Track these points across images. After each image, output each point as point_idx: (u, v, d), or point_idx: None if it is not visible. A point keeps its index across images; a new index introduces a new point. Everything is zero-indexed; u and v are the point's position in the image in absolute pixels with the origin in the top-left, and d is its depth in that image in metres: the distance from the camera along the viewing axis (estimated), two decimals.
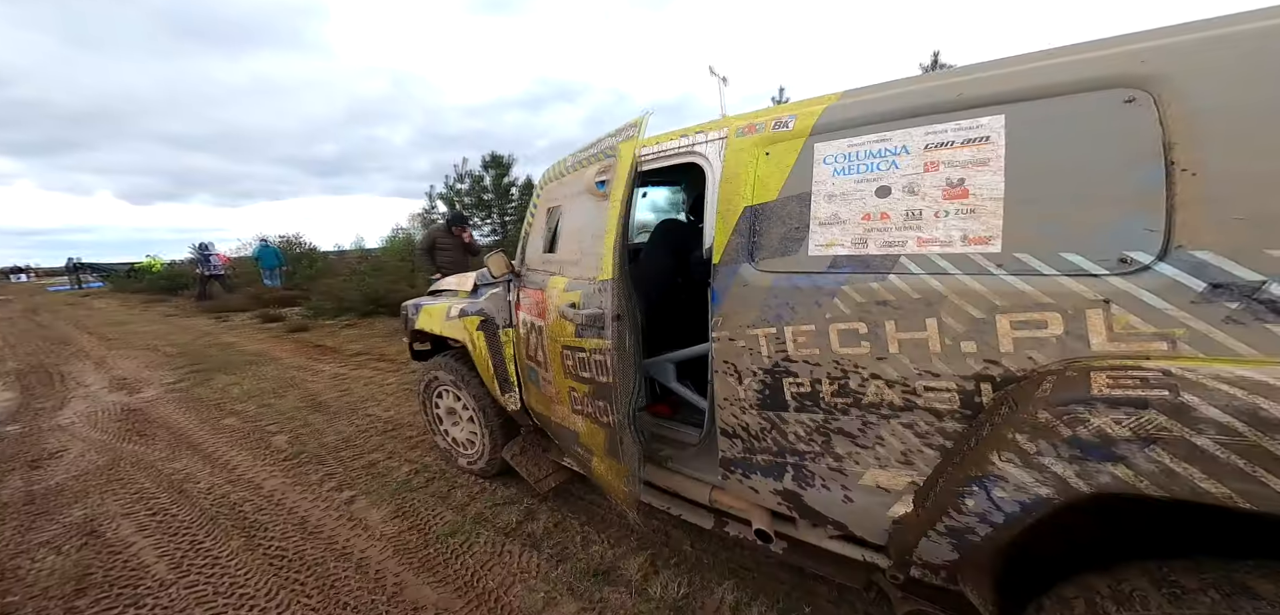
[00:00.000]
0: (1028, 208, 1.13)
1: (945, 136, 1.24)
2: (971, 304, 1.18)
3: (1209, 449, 0.89)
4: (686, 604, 1.91)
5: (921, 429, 1.28)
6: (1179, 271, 0.98)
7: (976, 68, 1.25)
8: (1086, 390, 1.00)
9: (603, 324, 1.70)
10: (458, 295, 2.90)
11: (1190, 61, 0.98)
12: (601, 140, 1.92)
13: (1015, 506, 1.10)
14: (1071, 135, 1.09)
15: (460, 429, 2.95)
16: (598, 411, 1.86)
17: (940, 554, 1.27)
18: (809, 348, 1.44)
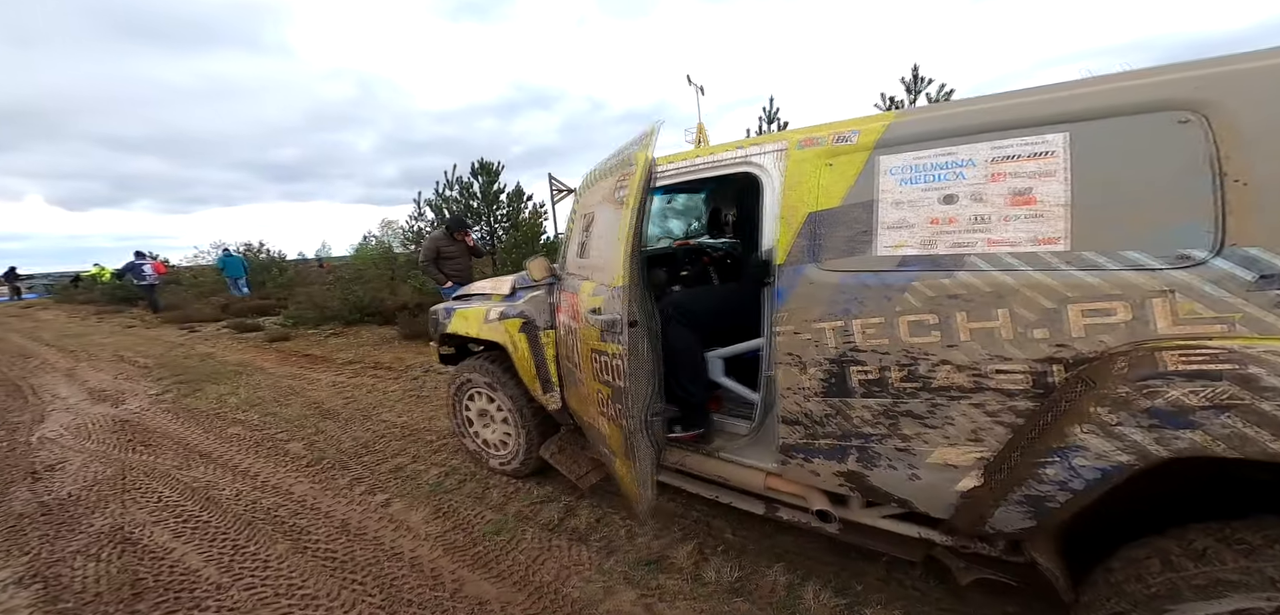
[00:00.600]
0: (1093, 212, 1.18)
1: (1010, 151, 1.30)
2: (1043, 295, 1.22)
3: (1275, 413, 0.96)
4: (742, 586, 1.86)
5: (992, 408, 1.32)
6: (1232, 265, 1.05)
7: (1035, 91, 1.31)
8: (1161, 366, 1.06)
9: (619, 329, 1.64)
10: (491, 299, 2.79)
11: (1236, 88, 1.07)
12: (621, 149, 1.91)
13: (1095, 473, 1.14)
14: (1131, 150, 1.15)
15: (492, 431, 2.81)
16: (617, 414, 1.79)
17: (1015, 521, 1.30)
18: (877, 338, 1.46)
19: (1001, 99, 1.34)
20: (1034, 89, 1.31)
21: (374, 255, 13.36)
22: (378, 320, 8.25)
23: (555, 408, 2.38)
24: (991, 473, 1.32)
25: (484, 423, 2.85)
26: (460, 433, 2.96)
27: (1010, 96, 1.33)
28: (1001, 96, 1.35)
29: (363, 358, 6.15)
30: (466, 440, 2.94)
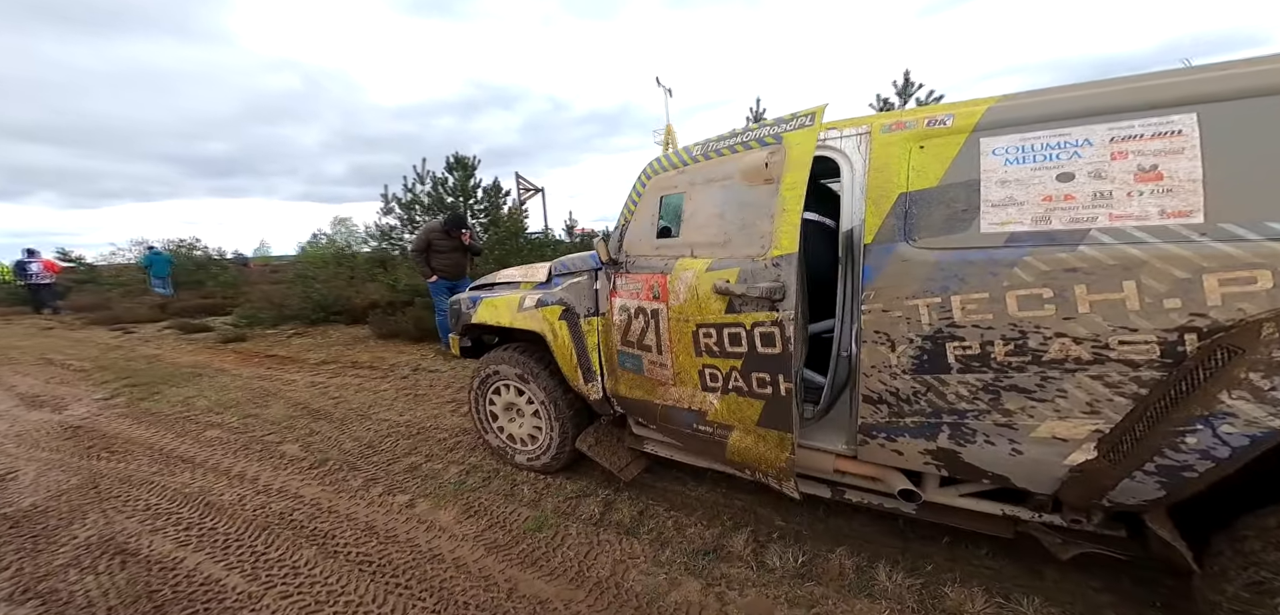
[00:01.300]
0: (1229, 186, 1.07)
1: (1133, 130, 1.18)
2: (1177, 266, 1.09)
3: None
4: (808, 571, 1.62)
5: (1113, 379, 1.17)
6: None
7: (1155, 75, 1.21)
8: None
9: (778, 296, 1.48)
10: (522, 286, 2.45)
11: None
12: (748, 130, 1.75)
13: (1244, 440, 1.01)
14: (1267, 128, 1.08)
15: (520, 425, 2.45)
16: (753, 384, 1.60)
17: (1143, 494, 1.16)
18: (980, 313, 1.29)
19: (1115, 84, 1.23)
20: (1155, 74, 1.20)
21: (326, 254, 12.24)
22: (345, 319, 7.48)
23: (597, 398, 2.08)
24: (1109, 445, 1.19)
25: (510, 417, 2.48)
26: (482, 429, 2.57)
27: (1125, 82, 1.21)
28: (1114, 82, 1.23)
29: (337, 358, 5.46)
30: (489, 436, 2.56)
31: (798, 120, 1.57)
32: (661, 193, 1.96)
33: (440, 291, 5.06)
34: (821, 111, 1.50)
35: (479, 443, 2.77)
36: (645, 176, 2.07)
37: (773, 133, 1.61)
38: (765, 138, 1.63)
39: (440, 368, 4.70)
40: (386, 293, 7.15)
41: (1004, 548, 1.62)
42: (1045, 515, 1.44)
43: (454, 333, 2.76)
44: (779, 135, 1.58)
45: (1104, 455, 1.19)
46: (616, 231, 2.09)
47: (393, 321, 6.53)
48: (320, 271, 9.13)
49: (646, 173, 2.07)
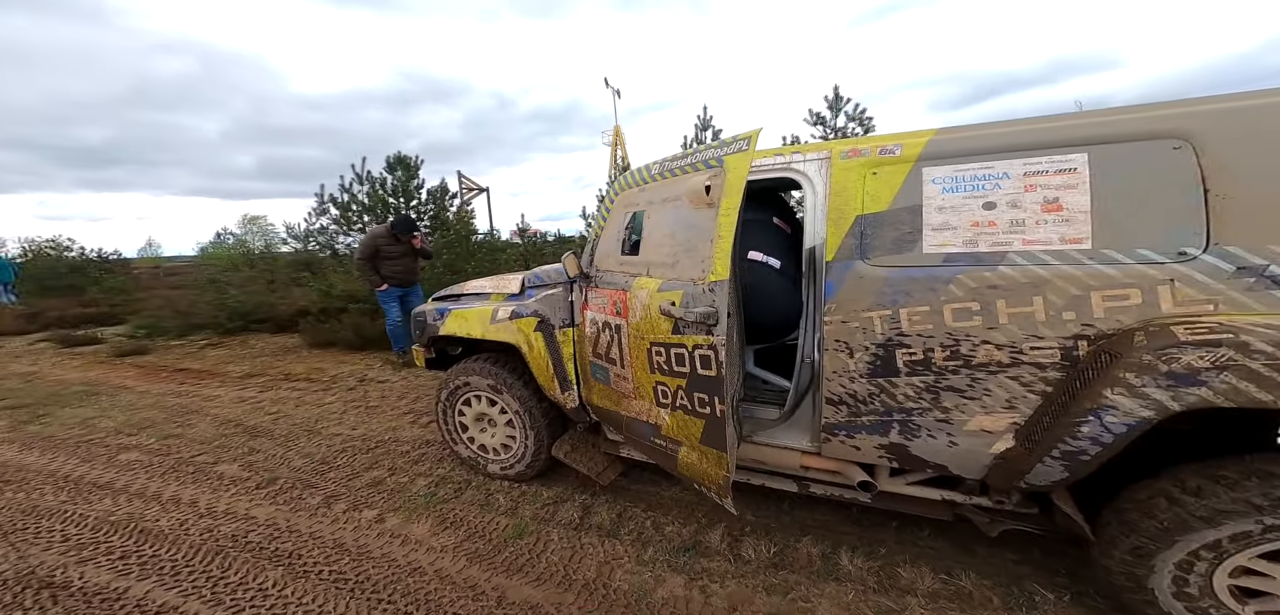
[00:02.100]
0: (1110, 217, 1.39)
1: (1040, 166, 1.47)
2: (1072, 285, 1.38)
3: (1259, 370, 1.19)
4: (781, 559, 1.85)
5: (1026, 379, 1.45)
6: (1217, 260, 1.27)
7: (1058, 118, 1.50)
8: (1175, 339, 1.26)
9: (712, 321, 1.57)
10: (493, 298, 2.54)
11: (1216, 123, 1.31)
12: (700, 150, 1.85)
13: (1123, 428, 1.30)
14: (1139, 168, 1.38)
15: (492, 435, 2.53)
16: (695, 403, 1.70)
17: (1050, 475, 1.45)
18: (923, 324, 1.55)
19: (1029, 123, 1.52)
20: (1057, 117, 1.50)
21: (235, 255, 11.49)
22: (269, 328, 7.14)
23: (572, 406, 2.22)
24: (1024, 435, 1.48)
25: (481, 427, 2.56)
26: (451, 440, 2.63)
27: (1037, 122, 1.51)
28: (1029, 121, 1.53)
29: (265, 370, 5.23)
30: (459, 447, 2.62)
31: (737, 143, 1.68)
32: (628, 209, 2.11)
33: (391, 299, 4.97)
34: (756, 136, 1.61)
35: (447, 454, 2.82)
36: (615, 191, 2.23)
37: (716, 155, 1.72)
38: (710, 160, 1.74)
39: (390, 378, 4.64)
40: (319, 298, 6.87)
41: (943, 529, 1.92)
42: (975, 498, 1.74)
43: (418, 344, 2.79)
44: (721, 158, 1.69)
45: (1020, 443, 1.48)
46: (588, 246, 2.24)
47: (328, 329, 6.31)
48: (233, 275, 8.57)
49: (616, 188, 2.22)
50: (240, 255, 12.28)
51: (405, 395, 4.08)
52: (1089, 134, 1.41)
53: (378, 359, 5.37)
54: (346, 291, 6.69)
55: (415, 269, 5.12)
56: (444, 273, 6.69)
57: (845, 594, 1.67)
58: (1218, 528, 1.26)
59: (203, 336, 7.05)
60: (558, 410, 2.37)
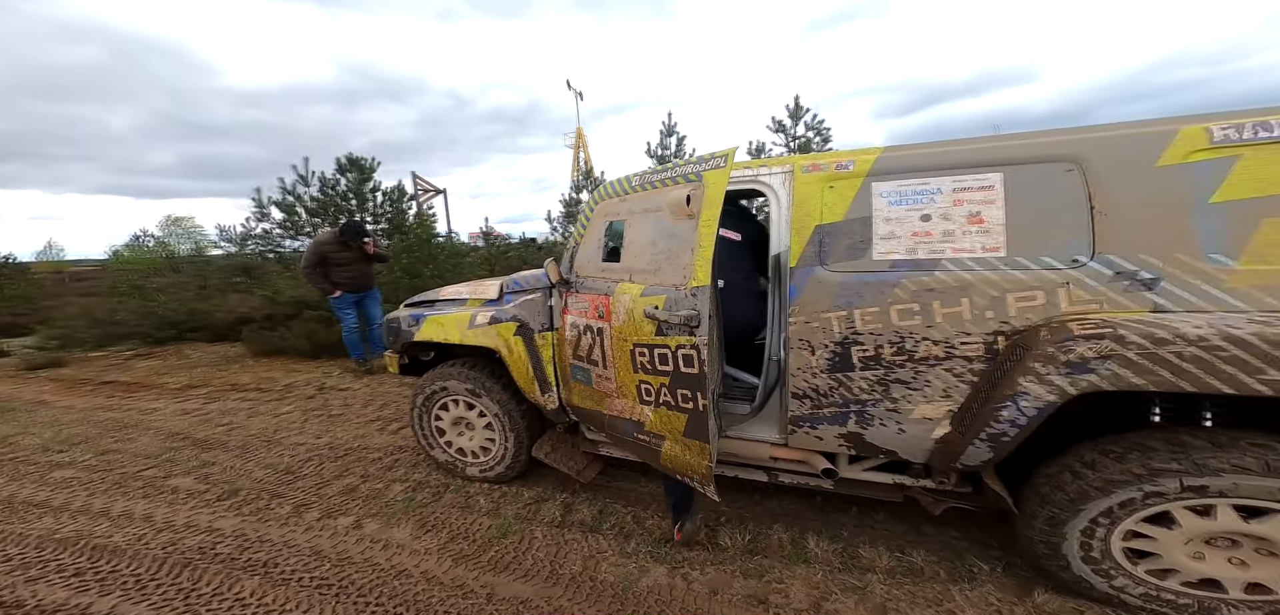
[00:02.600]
0: (1020, 229, 1.69)
1: (965, 184, 1.77)
2: (991, 288, 1.66)
3: (1135, 359, 1.50)
4: (755, 546, 2.07)
5: (958, 371, 1.74)
6: (1101, 266, 1.59)
7: (979, 140, 1.80)
8: (1071, 333, 1.57)
9: (695, 323, 1.74)
10: (470, 303, 2.65)
11: (1099, 151, 1.63)
12: (680, 165, 2.04)
13: (1034, 411, 1.58)
14: (1041, 187, 1.68)
15: (470, 438, 2.64)
16: (679, 400, 1.87)
17: (980, 456, 1.73)
18: (874, 324, 1.81)
19: (957, 145, 1.82)
20: (979, 139, 1.81)
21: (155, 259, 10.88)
22: (205, 336, 6.89)
23: (553, 408, 2.38)
24: (958, 420, 1.77)
25: (459, 431, 2.67)
26: (428, 445, 2.72)
27: (963, 143, 1.81)
28: (957, 142, 1.83)
29: (207, 380, 5.09)
30: (436, 452, 2.72)
31: (715, 160, 1.85)
32: (608, 218, 2.28)
33: (345, 306, 4.94)
34: (733, 153, 1.79)
35: (421, 459, 2.90)
36: (595, 201, 2.41)
37: (695, 170, 1.89)
38: (690, 175, 1.91)
39: (352, 385, 4.62)
40: (264, 304, 6.68)
41: (895, 510, 2.20)
42: (921, 480, 2.02)
43: (391, 350, 2.87)
44: (700, 173, 1.85)
45: (955, 428, 1.76)
46: (568, 252, 2.41)
47: (276, 337, 6.16)
48: (158, 280, 8.15)
49: (596, 197, 2.41)
50: (162, 259, 11.59)
51: (370, 402, 4.09)
52: (1002, 155, 1.71)
53: (336, 366, 5.31)
54: (297, 297, 6.53)
55: (369, 274, 5.10)
56: (403, 277, 6.63)
57: (814, 575, 1.90)
58: (1110, 496, 1.57)
59: (128, 347, 6.70)
60: (537, 412, 2.52)
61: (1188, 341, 1.40)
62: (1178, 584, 1.62)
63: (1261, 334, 1.32)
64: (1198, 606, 1.61)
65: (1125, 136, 1.60)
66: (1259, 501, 1.45)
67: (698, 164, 1.91)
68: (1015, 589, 1.77)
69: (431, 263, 6.85)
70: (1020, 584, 1.79)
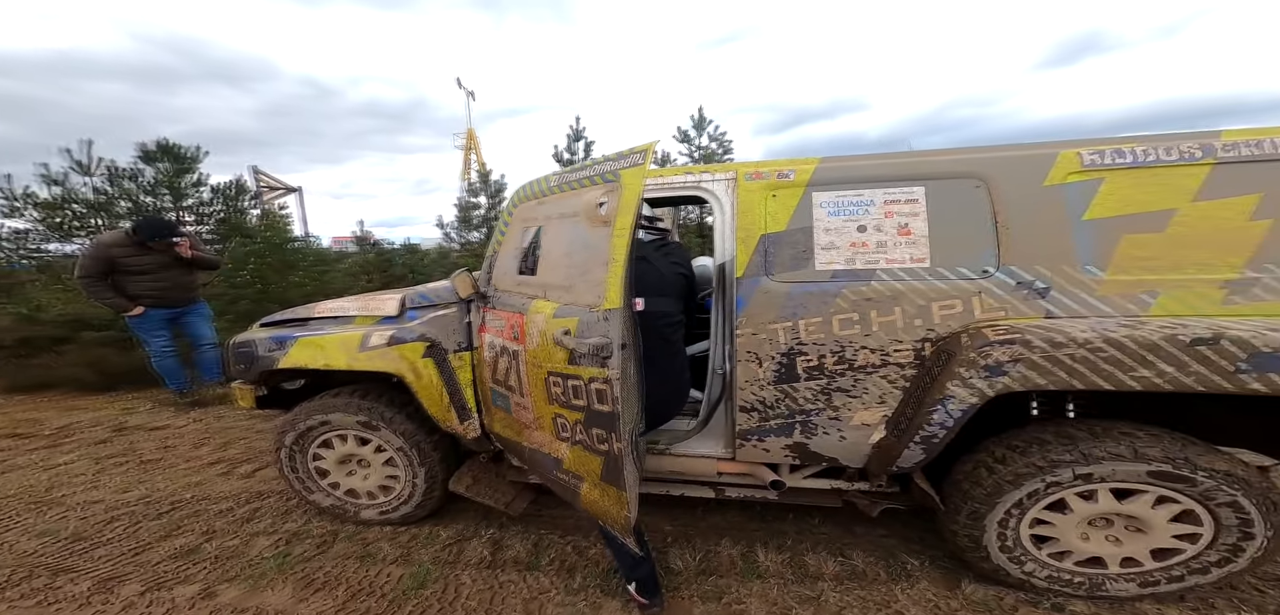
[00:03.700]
0: (943, 241, 1.96)
1: (894, 196, 2.02)
2: (919, 297, 1.93)
3: (1039, 361, 1.81)
4: (707, 565, 2.14)
5: (892, 377, 1.96)
6: (1005, 276, 1.91)
7: (905, 155, 2.06)
8: (987, 339, 1.86)
9: (606, 353, 1.62)
10: (358, 320, 2.40)
11: (1000, 170, 1.94)
12: (597, 162, 1.90)
13: (959, 412, 1.85)
14: (956, 202, 1.97)
15: (365, 477, 2.38)
16: (593, 439, 1.79)
17: (914, 457, 1.96)
18: (817, 333, 1.98)
19: (889, 158, 2.07)
20: (905, 153, 2.08)
21: None
22: None
23: (474, 436, 2.24)
24: (893, 425, 2.00)
25: (349, 471, 2.40)
26: (304, 489, 2.40)
27: (893, 157, 2.07)
28: (886, 156, 2.08)
29: None
30: (315, 496, 2.40)
31: (631, 158, 1.74)
32: (526, 224, 2.21)
33: (152, 326, 4.16)
34: (651, 148, 1.69)
35: (297, 504, 2.56)
36: (514, 203, 2.33)
37: (613, 168, 1.77)
38: (607, 173, 1.80)
39: (172, 422, 3.94)
40: (16, 325, 5.40)
41: (830, 515, 2.42)
42: (857, 484, 2.25)
43: (245, 381, 2.50)
44: (617, 171, 1.74)
45: (891, 432, 2.00)
46: (486, 262, 2.31)
47: (40, 367, 5.06)
48: None
49: (515, 200, 2.34)
50: None
51: (205, 441, 3.51)
52: (924, 171, 1.98)
53: (145, 399, 4.47)
54: (71, 315, 5.39)
55: (188, 284, 4.36)
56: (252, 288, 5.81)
57: (770, 590, 2.01)
58: (1020, 488, 1.87)
59: None
60: (452, 441, 2.36)
61: (1078, 344, 1.73)
62: (1072, 564, 1.98)
63: (1132, 336, 1.69)
64: (1089, 583, 1.98)
65: (1019, 157, 1.93)
66: (1129, 484, 1.83)
67: (614, 161, 1.80)
68: (944, 582, 2.03)
69: (291, 271, 6.08)
70: (948, 577, 2.06)
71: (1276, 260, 1.71)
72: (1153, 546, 1.89)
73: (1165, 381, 1.66)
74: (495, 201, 8.68)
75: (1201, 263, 1.76)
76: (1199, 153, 1.77)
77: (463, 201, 8.76)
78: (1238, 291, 1.73)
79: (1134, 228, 1.81)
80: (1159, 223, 1.80)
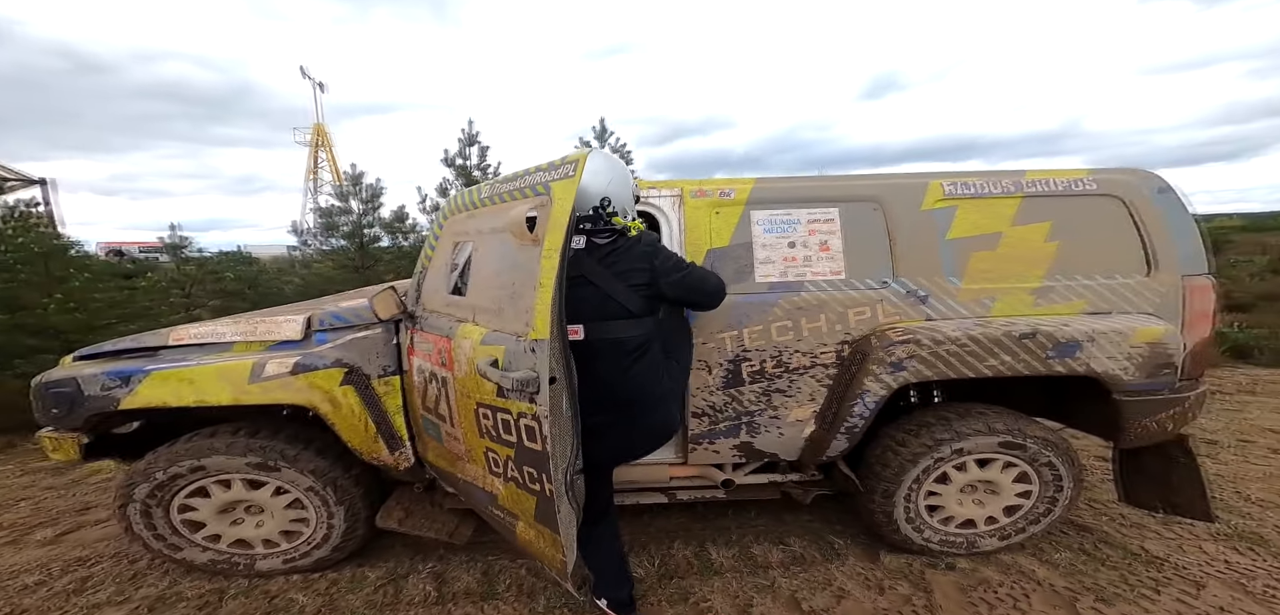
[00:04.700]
0: (854, 256, 2.45)
1: (816, 216, 2.47)
2: (838, 305, 2.38)
3: (927, 356, 2.37)
4: (667, 569, 2.36)
5: (819, 376, 2.39)
6: (898, 286, 2.45)
7: (821, 178, 2.53)
8: (891, 339, 2.38)
9: (534, 387, 1.53)
10: (237, 349, 2.14)
11: (891, 194, 2.50)
12: (529, 173, 1.86)
13: (874, 404, 2.35)
14: (861, 222, 2.47)
15: (260, 524, 2.18)
16: (525, 477, 1.75)
17: (840, 447, 2.39)
18: (759, 341, 2.33)
19: (812, 181, 2.53)
20: (825, 177, 2.57)
21: None
22: None
23: (407, 466, 2.14)
24: (822, 419, 2.43)
25: (235, 520, 2.14)
26: (169, 549, 2.05)
27: (816, 180, 2.53)
28: (812, 178, 2.54)
29: None
30: (188, 553, 2.07)
31: (563, 169, 1.69)
32: (456, 238, 2.23)
33: None
34: (584, 160, 1.67)
35: (156, 564, 2.17)
36: (444, 215, 2.33)
37: (543, 180, 1.74)
38: (537, 186, 1.76)
39: None
40: None
41: (764, 507, 2.79)
42: (790, 475, 2.66)
43: (62, 430, 2.05)
44: (548, 184, 1.71)
45: (820, 425, 2.43)
46: (416, 279, 2.26)
47: None
48: None
49: (446, 211, 2.33)
50: None
51: None
52: (836, 193, 2.46)
53: None
54: None
55: None
56: None
57: (729, 585, 2.28)
58: (918, 465, 2.40)
59: None
60: (374, 472, 2.21)
61: (951, 341, 2.33)
62: (955, 527, 2.58)
63: (985, 333, 2.32)
64: (967, 542, 2.56)
65: (904, 184, 2.51)
66: (986, 454, 2.47)
67: (546, 171, 1.77)
68: (866, 556, 2.50)
69: (60, 285, 4.78)
70: (868, 551, 2.54)
71: (1064, 273, 2.45)
72: (1004, 505, 2.53)
73: (1005, 367, 2.29)
74: (370, 206, 8.21)
75: (1018, 274, 2.44)
76: (1013, 188, 2.47)
77: (323, 205, 8.23)
78: (1041, 297, 2.43)
79: (978, 246, 2.44)
80: (993, 242, 2.45)
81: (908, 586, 2.28)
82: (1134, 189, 2.45)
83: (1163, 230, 2.42)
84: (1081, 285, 2.42)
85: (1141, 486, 2.67)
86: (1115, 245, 2.44)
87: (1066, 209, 2.45)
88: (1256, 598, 2.15)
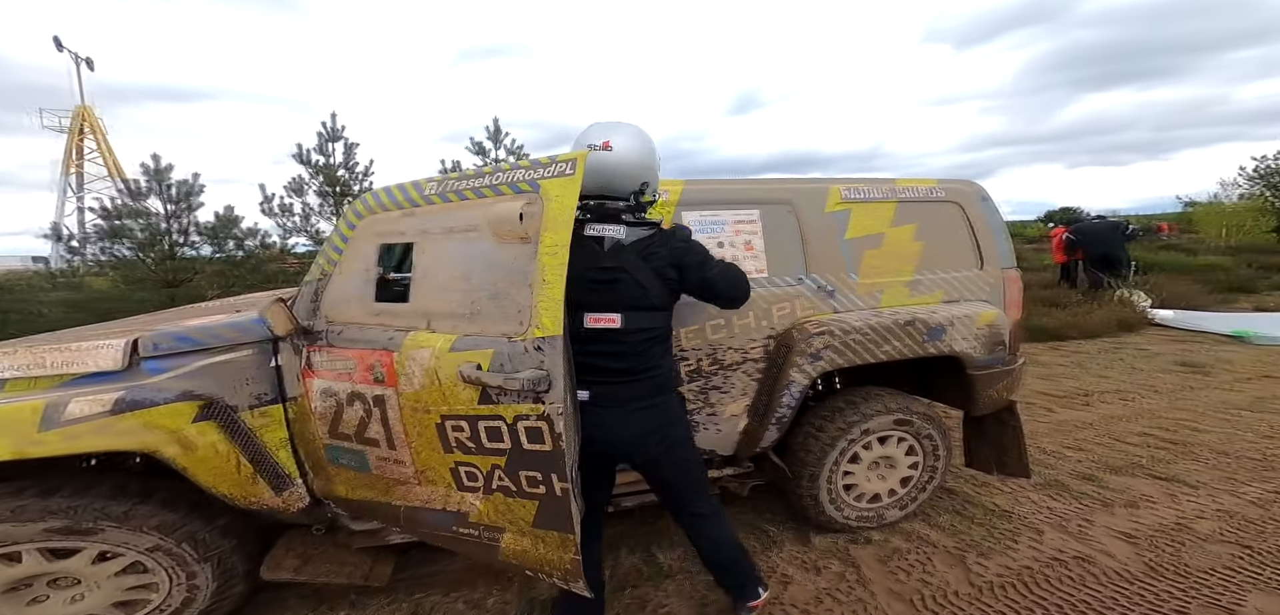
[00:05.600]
0: (774, 255, 2.70)
1: (740, 217, 2.67)
2: (763, 302, 2.60)
3: (839, 345, 2.68)
4: (619, 578, 2.40)
5: (750, 371, 2.56)
6: (811, 282, 2.77)
7: (744, 182, 2.75)
8: (810, 332, 2.65)
9: (543, 387, 1.61)
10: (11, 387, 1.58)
11: (801, 198, 2.82)
12: (505, 170, 1.88)
13: (799, 394, 2.58)
14: (779, 223, 2.75)
15: (70, 601, 1.70)
16: (522, 484, 1.78)
17: (771, 438, 2.58)
18: (695, 341, 2.44)
19: (733, 184, 2.71)
20: (747, 180, 2.77)
21: None
22: None
23: (302, 506, 1.80)
24: (755, 412, 2.59)
25: (32, 597, 1.70)
26: None
27: (737, 183, 2.72)
28: (731, 182, 2.72)
29: None
30: None
31: (557, 167, 1.77)
32: (382, 239, 2.06)
33: None
34: (583, 159, 1.74)
35: None
36: (355, 215, 2.04)
37: (528, 178, 1.81)
38: (520, 183, 1.82)
39: None
40: None
41: None
42: (726, 470, 2.77)
43: None
44: (536, 182, 1.78)
45: (754, 420, 2.60)
46: (308, 289, 1.93)
47: None
48: None
49: (357, 211, 2.05)
50: None
51: None
52: (756, 196, 2.72)
53: None
54: None
55: None
56: None
57: (683, 586, 2.35)
58: (835, 448, 2.71)
59: None
60: (247, 517, 1.80)
61: (856, 330, 2.68)
62: (866, 503, 2.93)
63: (881, 322, 2.71)
64: (876, 516, 2.94)
65: (810, 189, 2.85)
66: (884, 432, 2.88)
67: (532, 170, 1.83)
68: (798, 540, 2.73)
69: None
70: (798, 535, 2.77)
71: (928, 268, 2.99)
72: (900, 477, 2.97)
73: (895, 352, 2.72)
74: (182, 207, 6.98)
75: (897, 270, 2.93)
76: (890, 194, 2.96)
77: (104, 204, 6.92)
78: (914, 289, 2.95)
79: (869, 245, 2.88)
80: (878, 242, 2.91)
81: (839, 564, 2.55)
82: (967, 196, 3.09)
83: (987, 231, 3.08)
84: (939, 278, 2.96)
85: (981, 450, 3.32)
86: (957, 244, 3.05)
87: (925, 213, 3.00)
88: (1074, 536, 2.81)
